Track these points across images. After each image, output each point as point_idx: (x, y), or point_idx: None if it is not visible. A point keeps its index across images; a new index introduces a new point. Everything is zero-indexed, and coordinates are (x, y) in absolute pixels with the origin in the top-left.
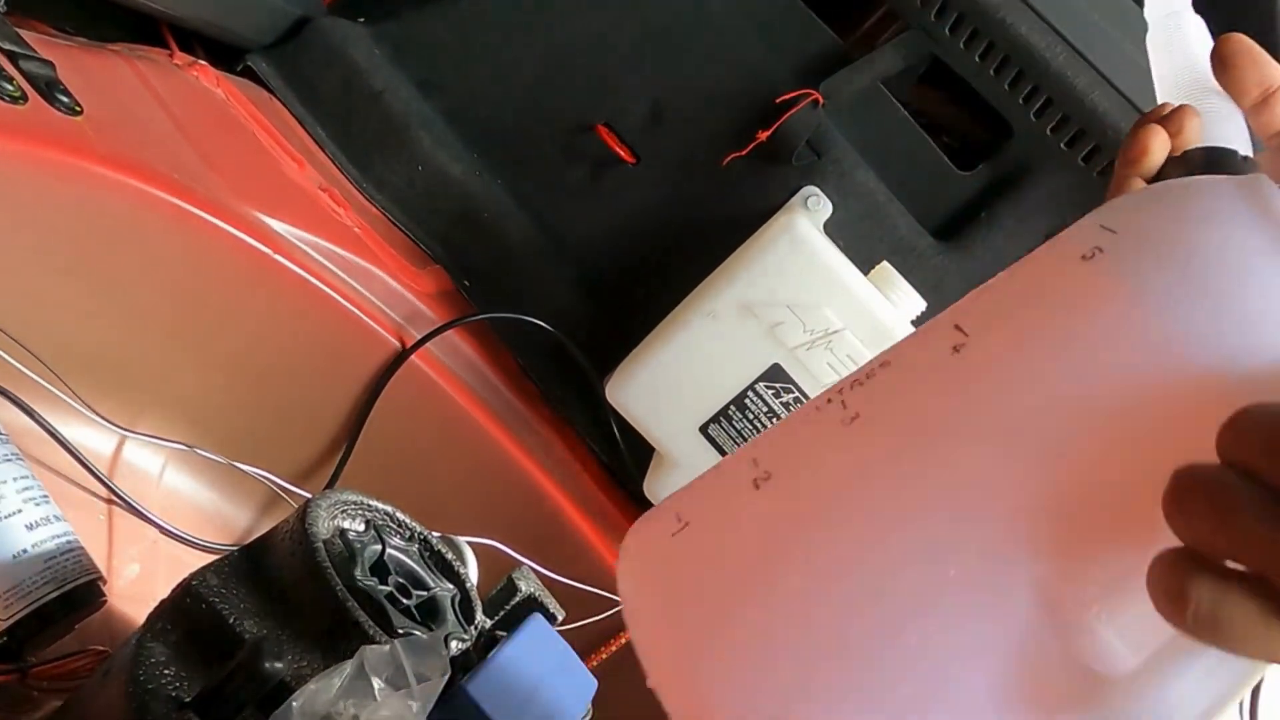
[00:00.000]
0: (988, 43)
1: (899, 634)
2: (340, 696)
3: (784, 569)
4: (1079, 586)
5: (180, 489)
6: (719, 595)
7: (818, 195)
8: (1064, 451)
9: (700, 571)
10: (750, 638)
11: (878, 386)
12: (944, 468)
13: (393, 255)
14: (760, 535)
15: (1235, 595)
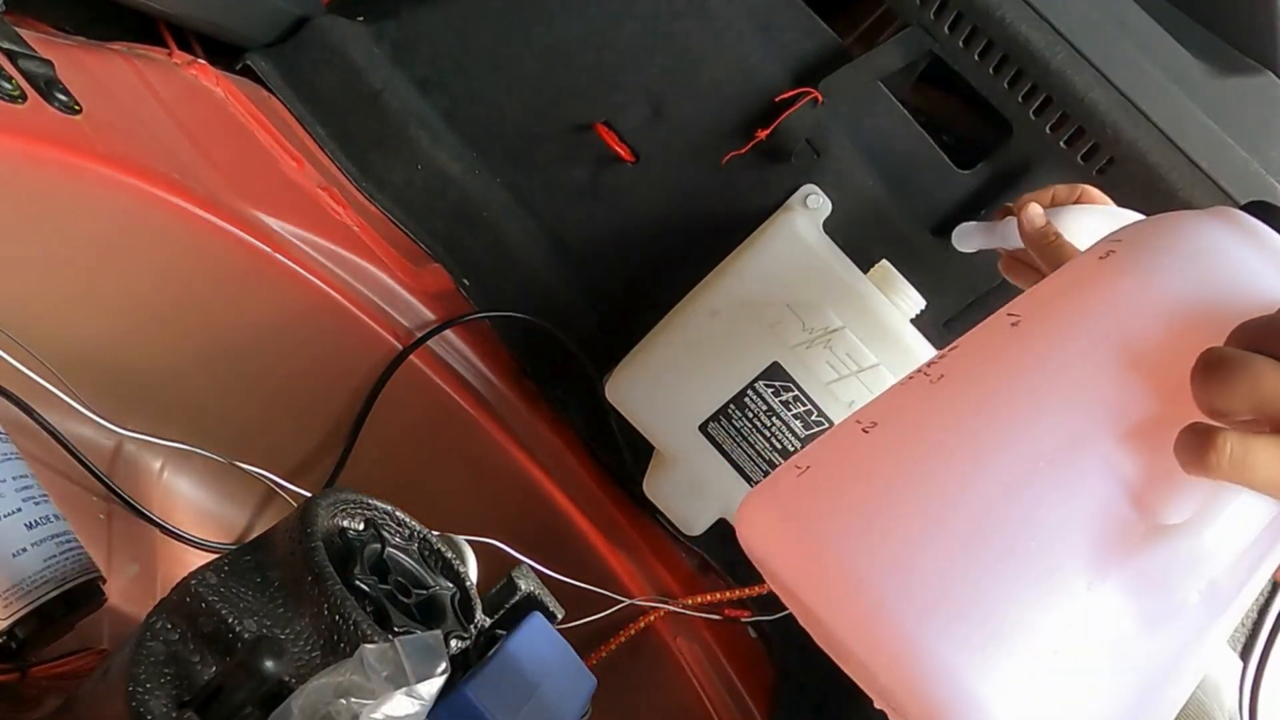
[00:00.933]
0: (987, 41)
1: (1007, 509)
2: (340, 695)
3: (902, 479)
4: (1137, 465)
5: (180, 488)
6: (852, 505)
7: (817, 194)
8: (1101, 377)
9: (831, 494)
10: (884, 532)
11: (953, 359)
12: (1015, 399)
13: (392, 254)
14: (874, 461)
15: (1258, 440)
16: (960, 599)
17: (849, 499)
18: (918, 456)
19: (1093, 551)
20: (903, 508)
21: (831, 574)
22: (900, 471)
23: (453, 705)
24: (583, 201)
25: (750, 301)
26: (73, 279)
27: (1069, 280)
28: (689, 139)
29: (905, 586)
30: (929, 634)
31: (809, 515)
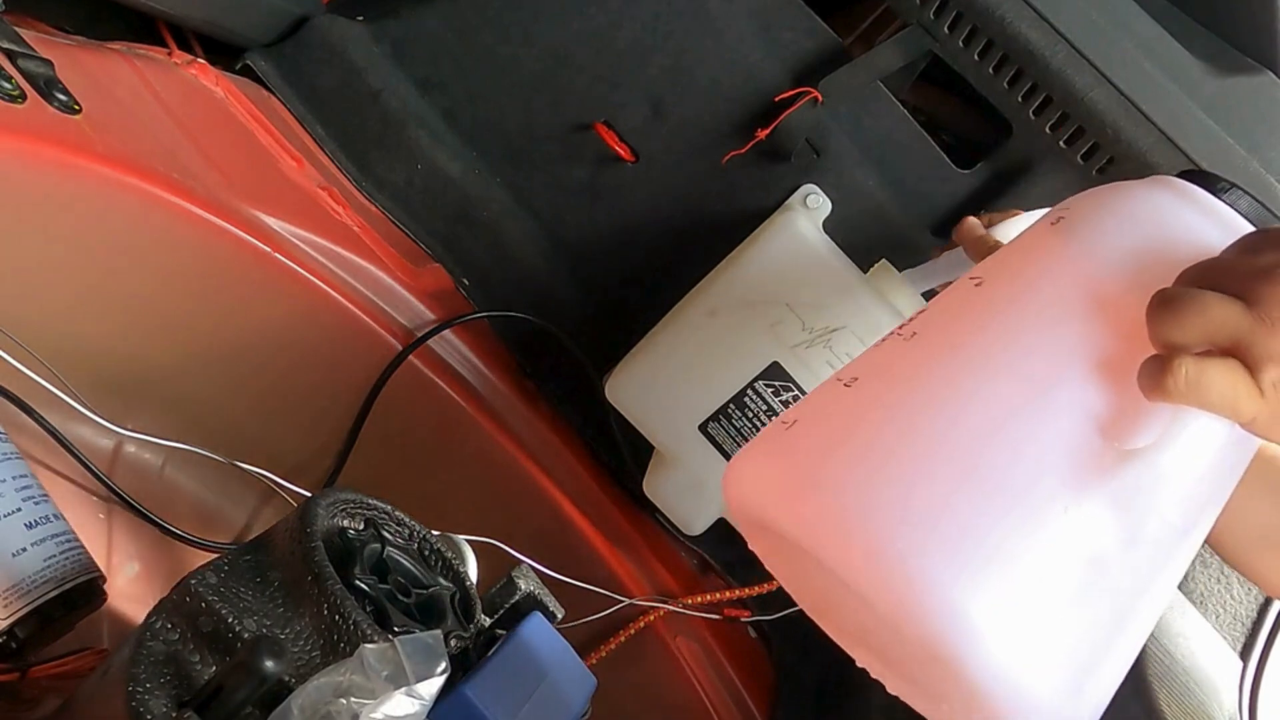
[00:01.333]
0: (986, 40)
1: (988, 444)
2: (339, 695)
3: (889, 423)
4: (1102, 398)
5: (179, 488)
6: (844, 448)
7: (817, 193)
8: (1064, 323)
9: (823, 440)
10: (877, 470)
11: (923, 319)
12: (987, 347)
13: (391, 254)
14: (861, 408)
15: (1209, 363)
16: (951, 527)
17: (840, 443)
18: (901, 402)
19: (1068, 478)
20: (892, 449)
21: (830, 512)
22: (887, 417)
23: (452, 705)
24: (583, 201)
25: (750, 301)
26: (72, 279)
27: (1024, 245)
28: (689, 139)
29: (900, 519)
30: (924, 561)
31: (803, 460)
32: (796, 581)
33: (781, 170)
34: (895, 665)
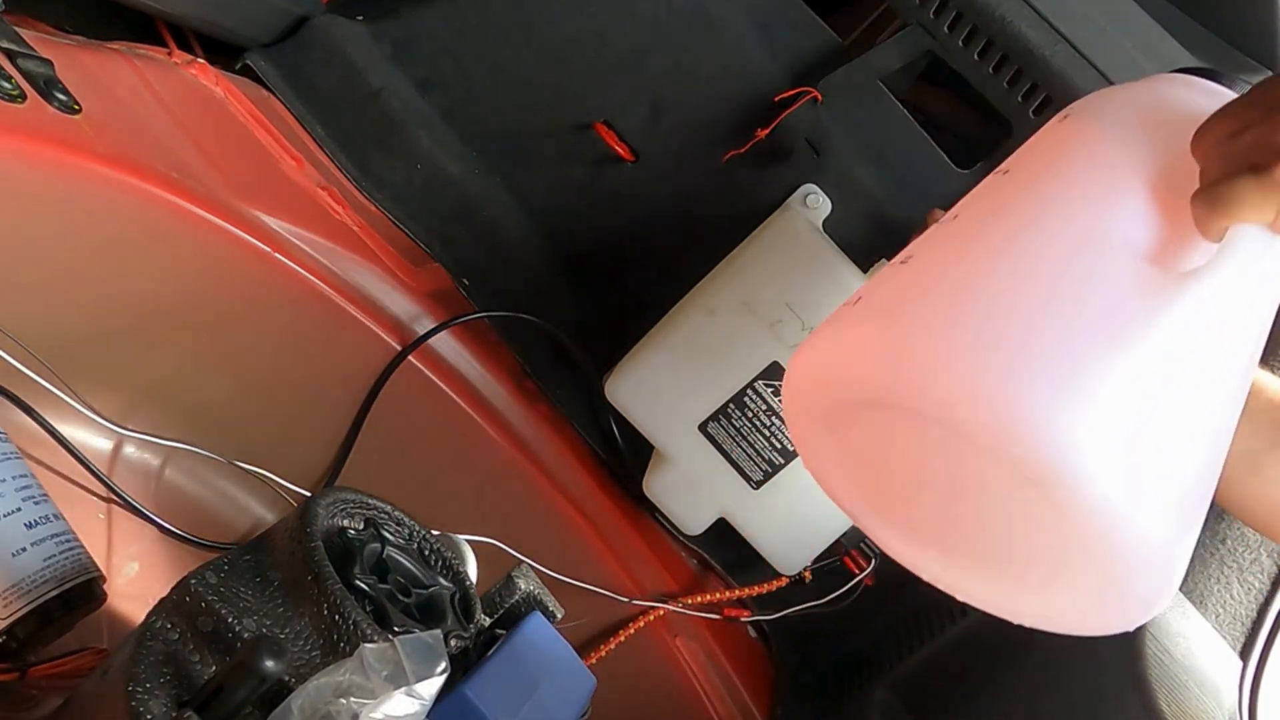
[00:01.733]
0: (986, 40)
1: (1064, 281)
2: (339, 695)
3: (956, 274)
4: (1156, 232)
5: (179, 487)
6: (931, 302)
7: (816, 193)
8: (1105, 176)
9: (906, 299)
10: (956, 309)
11: (959, 208)
12: (1035, 206)
13: (391, 253)
14: (921, 276)
15: (1238, 179)
16: (1047, 354)
17: (923, 299)
18: (970, 258)
19: (1140, 301)
20: (975, 296)
21: (932, 355)
22: (959, 273)
23: (452, 705)
24: (582, 201)
25: (750, 301)
26: (72, 279)
27: (1037, 140)
28: (689, 139)
29: (994, 352)
30: (1032, 387)
31: (893, 317)
32: (859, 472)
33: (781, 170)
34: (980, 546)
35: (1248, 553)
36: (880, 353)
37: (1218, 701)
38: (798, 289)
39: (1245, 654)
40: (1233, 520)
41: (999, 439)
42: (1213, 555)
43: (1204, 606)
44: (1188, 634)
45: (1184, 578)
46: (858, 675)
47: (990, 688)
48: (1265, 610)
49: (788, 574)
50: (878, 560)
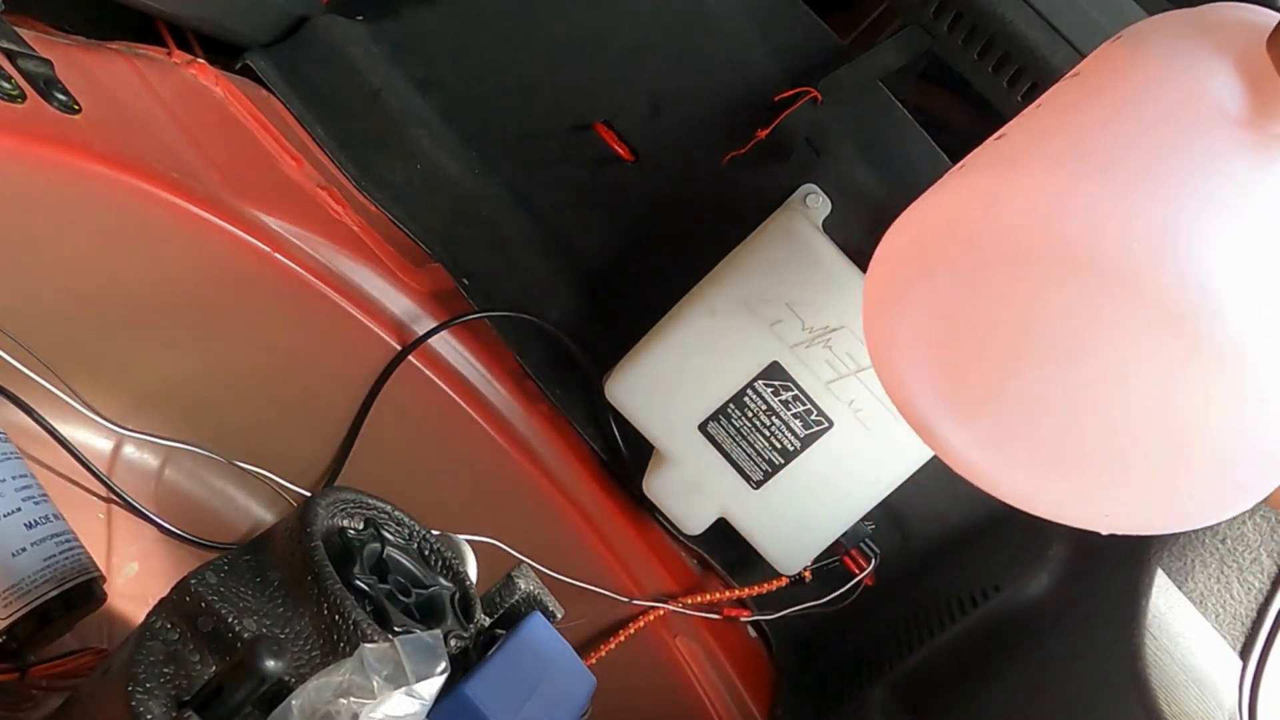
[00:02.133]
0: (986, 40)
1: (1170, 146)
2: (339, 695)
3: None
4: (1243, 97)
5: (179, 487)
6: (1044, 154)
7: (816, 193)
8: (1184, 57)
9: (1023, 157)
10: (1074, 156)
11: (1039, 102)
12: (1119, 88)
13: (391, 253)
14: (1023, 142)
15: None
16: (1177, 191)
17: (1052, 149)
18: (1082, 122)
19: (1244, 156)
20: (1098, 145)
21: (1074, 192)
22: (1079, 131)
23: (452, 705)
24: (582, 201)
25: (749, 301)
26: (72, 279)
27: (1096, 53)
28: (688, 139)
29: (1134, 185)
30: (1172, 219)
31: (1036, 166)
32: (944, 365)
33: (781, 170)
34: (1076, 434)
35: (1248, 553)
36: (1026, 194)
37: (1218, 701)
38: (798, 289)
39: (1245, 654)
40: (1233, 520)
41: (1146, 265)
42: (1213, 555)
43: (1204, 606)
44: (1188, 634)
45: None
46: (858, 675)
47: (990, 688)
48: (1265, 610)
49: (788, 574)
50: (878, 560)
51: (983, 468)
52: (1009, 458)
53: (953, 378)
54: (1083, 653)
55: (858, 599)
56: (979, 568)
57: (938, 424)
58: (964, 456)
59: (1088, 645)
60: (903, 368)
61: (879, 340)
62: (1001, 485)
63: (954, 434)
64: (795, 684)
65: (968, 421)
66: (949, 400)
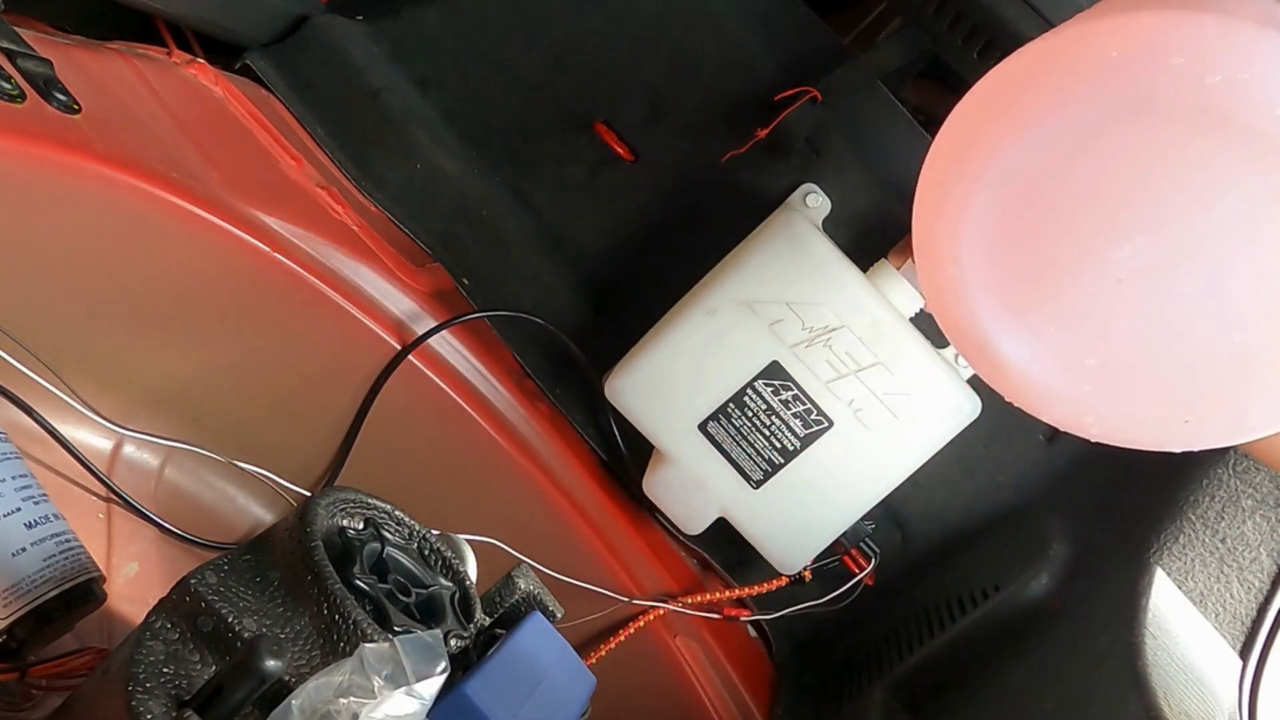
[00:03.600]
0: (986, 40)
1: None
2: (339, 694)
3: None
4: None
5: (179, 487)
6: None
7: (816, 192)
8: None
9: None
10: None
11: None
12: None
13: (391, 253)
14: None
15: None
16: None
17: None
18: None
19: None
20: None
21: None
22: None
23: (452, 704)
24: (582, 200)
25: (749, 300)
26: (72, 279)
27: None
28: (688, 138)
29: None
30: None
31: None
32: (1018, 259)
33: (781, 169)
34: (1155, 328)
35: (1247, 552)
36: (1157, 29)
37: (1218, 701)
38: (798, 289)
39: (1245, 654)
40: (1233, 520)
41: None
42: (1212, 555)
43: (1204, 606)
44: (1188, 634)
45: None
46: (858, 675)
47: (990, 688)
48: (1265, 610)
49: (787, 574)
50: (877, 560)
51: (1046, 384)
52: (1079, 365)
53: (1024, 268)
54: (1083, 653)
55: (857, 599)
56: (979, 568)
57: (999, 334)
58: (1026, 374)
59: (1088, 645)
60: (964, 264)
61: (938, 228)
62: (1062, 404)
63: (1017, 345)
64: (795, 684)
65: (1035, 325)
66: (1016, 299)
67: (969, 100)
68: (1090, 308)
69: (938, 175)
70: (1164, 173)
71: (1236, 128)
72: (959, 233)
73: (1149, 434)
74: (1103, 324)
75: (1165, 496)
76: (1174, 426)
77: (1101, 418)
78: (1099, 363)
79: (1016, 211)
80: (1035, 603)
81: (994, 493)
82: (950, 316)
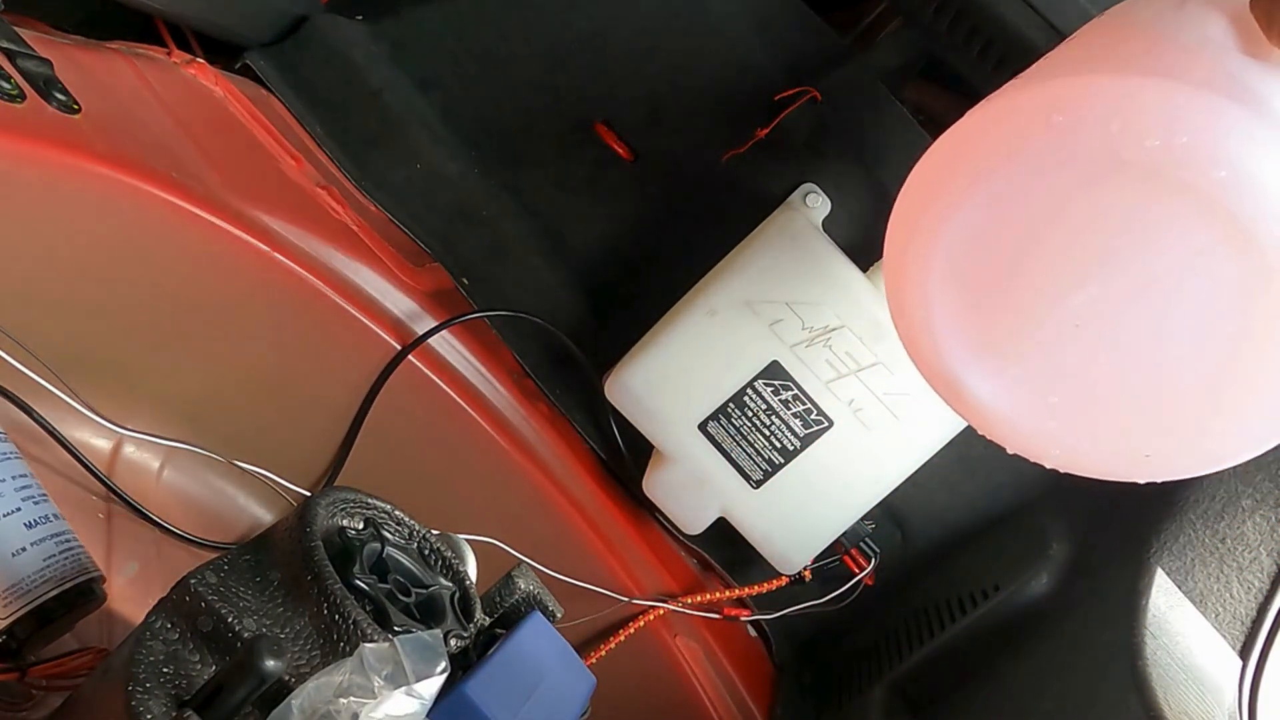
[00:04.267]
0: (986, 40)
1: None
2: (339, 694)
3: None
4: (1238, 37)
5: (179, 487)
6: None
7: (816, 192)
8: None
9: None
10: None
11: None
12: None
13: (390, 253)
14: (1020, 92)
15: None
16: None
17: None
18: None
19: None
20: (1143, 52)
21: (1145, 90)
22: (1125, 44)
23: (452, 704)
24: (582, 200)
25: (749, 300)
26: (72, 279)
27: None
28: (688, 138)
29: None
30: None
31: (1115, 67)
32: (980, 300)
33: (781, 169)
34: (1124, 368)
35: (1247, 552)
36: (1092, 93)
37: (1218, 701)
38: (798, 289)
39: (1245, 653)
40: (1233, 520)
41: (1216, 175)
42: (1212, 554)
43: (1204, 606)
44: (1187, 633)
45: (1184, 577)
46: (858, 675)
47: (990, 687)
48: (1265, 610)
49: (787, 573)
50: (878, 560)
51: (1012, 420)
52: (1042, 402)
53: (986, 314)
54: (1083, 652)
55: (857, 598)
56: (979, 567)
57: (966, 373)
58: (992, 409)
59: (1088, 645)
60: (931, 309)
61: (905, 277)
62: (1028, 438)
63: (983, 383)
64: (795, 683)
65: (999, 366)
66: (980, 342)
67: (929, 156)
68: (1050, 350)
69: (902, 229)
70: (1112, 226)
71: (1176, 186)
72: (924, 281)
73: (1112, 467)
74: (1062, 365)
75: (1165, 496)
76: (1136, 460)
77: (1066, 450)
78: (1061, 400)
79: (976, 263)
80: (1035, 603)
81: (994, 493)
82: (921, 357)
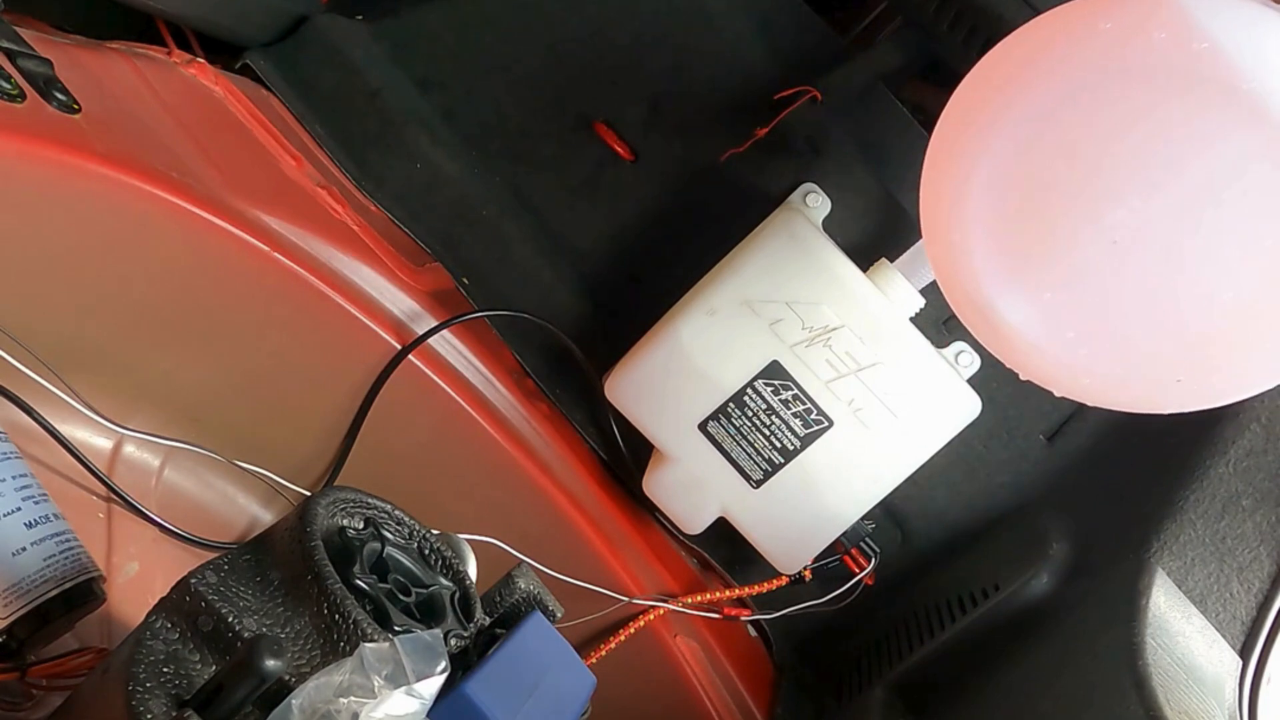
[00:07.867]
0: (986, 40)
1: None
2: (340, 694)
3: None
4: None
5: (179, 487)
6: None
7: (816, 192)
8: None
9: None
10: None
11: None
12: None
13: (390, 253)
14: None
15: None
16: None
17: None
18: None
19: None
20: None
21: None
22: None
23: (452, 704)
24: (582, 200)
25: (749, 300)
26: (72, 279)
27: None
28: (688, 137)
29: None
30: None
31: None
32: (1018, 222)
33: (781, 169)
34: (1150, 289)
35: (1247, 552)
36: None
37: (1218, 701)
38: (798, 288)
39: (1245, 653)
40: (1233, 519)
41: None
42: (1212, 554)
43: (1204, 606)
44: (1188, 633)
45: (1184, 577)
46: (858, 675)
47: (990, 687)
48: (1265, 610)
49: (788, 573)
50: (877, 559)
51: (1042, 347)
52: (1075, 328)
53: (1024, 234)
54: (1083, 652)
55: (857, 598)
56: (979, 567)
57: (1000, 298)
58: (1024, 336)
59: (1088, 645)
60: (968, 231)
61: (943, 198)
62: (1060, 367)
63: (1017, 309)
64: (796, 683)
65: (1034, 290)
66: (1016, 264)
67: (975, 74)
68: (1087, 271)
69: (943, 149)
70: (1155, 135)
71: (1220, 92)
72: (962, 199)
73: (1140, 394)
74: (1099, 286)
75: (1165, 496)
76: (1167, 386)
77: (1096, 378)
78: (1096, 324)
79: (1016, 179)
80: (1035, 603)
81: (994, 492)
82: (954, 282)
